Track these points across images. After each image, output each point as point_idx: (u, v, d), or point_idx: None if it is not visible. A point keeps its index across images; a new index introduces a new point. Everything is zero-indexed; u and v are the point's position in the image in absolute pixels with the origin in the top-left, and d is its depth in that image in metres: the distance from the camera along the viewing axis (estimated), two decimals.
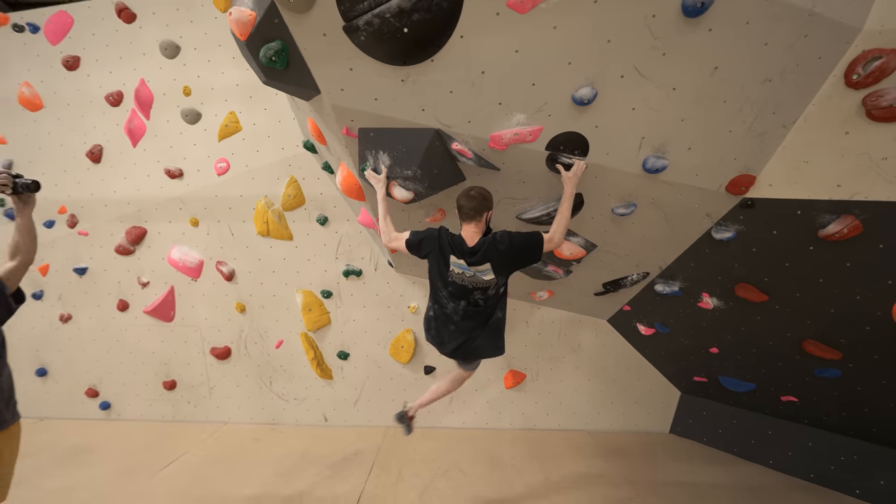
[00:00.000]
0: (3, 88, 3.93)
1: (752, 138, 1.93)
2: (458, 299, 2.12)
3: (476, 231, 2.07)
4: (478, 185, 2.11)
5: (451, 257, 2.06)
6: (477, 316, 2.16)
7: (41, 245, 4.11)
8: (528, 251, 2.03)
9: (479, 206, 2.03)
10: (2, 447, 1.90)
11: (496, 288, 2.09)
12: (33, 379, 4.29)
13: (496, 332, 2.25)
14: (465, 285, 2.07)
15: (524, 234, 2.04)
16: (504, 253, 2.00)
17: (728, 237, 2.40)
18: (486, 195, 2.06)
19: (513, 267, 2.08)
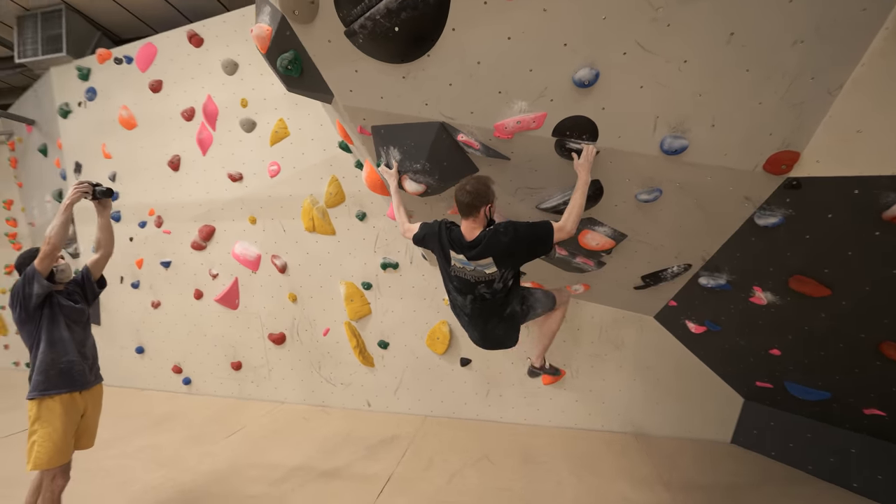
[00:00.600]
0: (108, 112, 4.69)
1: (789, 109, 1.70)
2: (464, 294, 2.11)
3: (475, 226, 2.01)
4: (483, 175, 2.06)
5: (451, 252, 2.04)
6: (487, 309, 2.11)
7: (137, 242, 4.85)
8: (536, 242, 1.95)
9: (474, 202, 1.96)
10: (87, 404, 2.33)
11: (502, 281, 2.02)
12: (134, 356, 5.10)
13: (514, 325, 2.22)
14: (468, 279, 2.04)
15: (531, 224, 1.97)
16: (508, 245, 1.93)
17: (774, 223, 2.13)
18: (481, 190, 1.96)
19: (519, 259, 2.00)
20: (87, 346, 2.34)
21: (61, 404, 2.17)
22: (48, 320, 2.18)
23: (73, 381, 2.22)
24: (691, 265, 2.81)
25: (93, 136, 4.81)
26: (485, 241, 1.94)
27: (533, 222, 1.96)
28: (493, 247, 1.93)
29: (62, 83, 4.89)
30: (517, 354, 4.05)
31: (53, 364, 2.17)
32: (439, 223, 2.14)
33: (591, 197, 2.32)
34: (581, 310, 3.87)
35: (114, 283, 5.00)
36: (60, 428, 2.16)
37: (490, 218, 2.03)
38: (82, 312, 2.34)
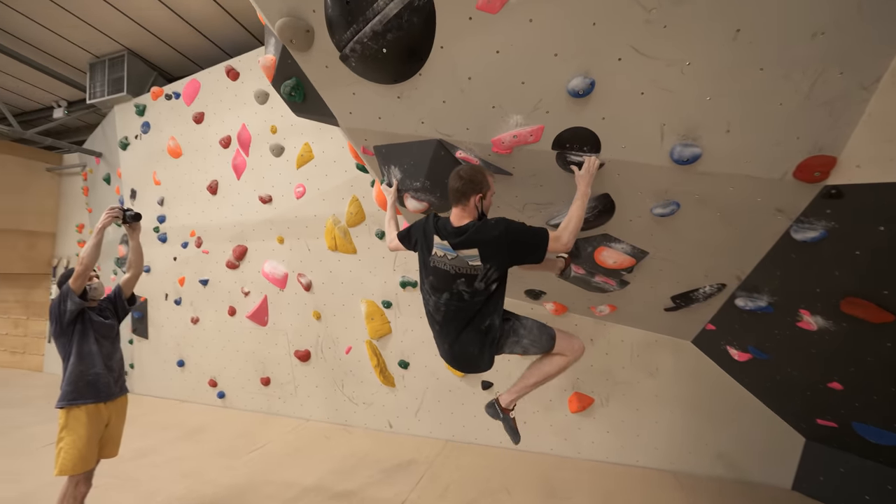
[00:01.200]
0: (159, 143, 5.15)
1: (817, 109, 1.50)
2: (439, 292, 1.90)
3: (464, 215, 1.88)
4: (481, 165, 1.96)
5: (435, 238, 1.88)
6: (461, 313, 1.86)
7: (180, 261, 5.17)
8: (526, 245, 1.79)
9: (466, 188, 1.84)
10: (111, 414, 2.46)
11: (485, 281, 1.81)
12: (176, 368, 5.40)
13: (490, 343, 1.92)
14: (447, 271, 1.85)
15: (526, 226, 1.82)
16: (496, 239, 1.77)
17: (814, 237, 1.87)
18: (475, 177, 1.85)
19: (506, 258, 1.81)
20: (114, 360, 2.49)
21: (87, 414, 2.31)
22: (79, 335, 2.35)
23: (98, 393, 2.36)
24: (725, 285, 2.55)
25: (146, 165, 5.28)
26: (473, 230, 1.79)
27: (530, 225, 1.82)
28: (480, 236, 1.78)
29: (123, 119, 5.45)
30: None
31: (82, 376, 2.32)
32: (429, 215, 2.02)
33: (602, 211, 2.19)
34: (608, 332, 3.62)
35: (160, 300, 5.37)
36: (85, 436, 2.29)
37: (482, 212, 1.89)
38: (111, 328, 2.50)
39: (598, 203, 2.14)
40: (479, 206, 1.87)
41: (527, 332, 2.00)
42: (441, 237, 1.87)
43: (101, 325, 2.43)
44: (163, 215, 5.19)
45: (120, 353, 2.58)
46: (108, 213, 2.44)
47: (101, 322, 2.43)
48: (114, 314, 2.57)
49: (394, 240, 2.23)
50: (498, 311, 1.93)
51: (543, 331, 2.02)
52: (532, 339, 2.00)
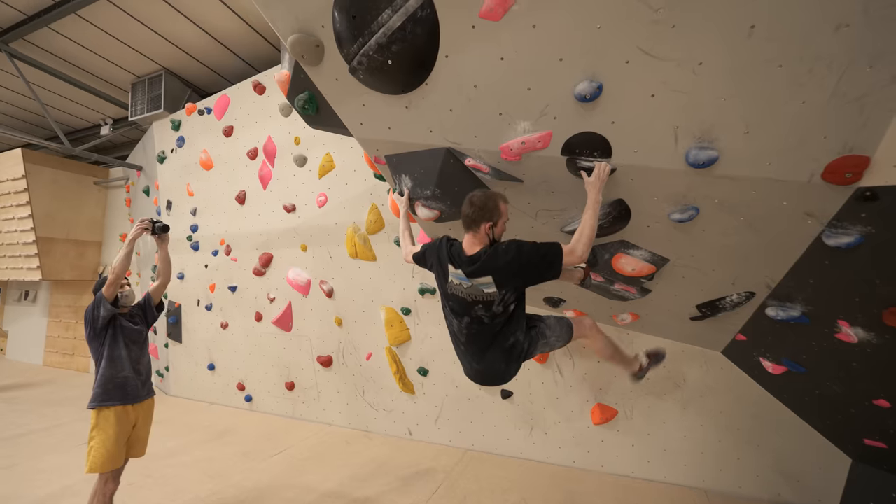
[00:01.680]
0: (192, 156, 5.42)
1: (845, 106, 1.40)
2: (459, 316, 1.94)
3: (475, 241, 1.87)
4: (497, 192, 1.93)
5: (450, 267, 1.91)
6: (483, 336, 1.92)
7: (211, 269, 5.39)
8: (540, 264, 1.77)
9: (476, 215, 1.82)
10: (138, 416, 2.58)
11: (503, 304, 1.84)
12: (206, 372, 5.62)
13: (516, 358, 1.99)
14: (464, 298, 1.88)
15: (537, 244, 1.80)
16: (509, 264, 1.77)
17: (849, 243, 1.74)
18: (486, 204, 1.83)
19: (521, 281, 1.83)
20: (141, 364, 2.61)
21: (115, 415, 2.43)
22: (111, 339, 2.49)
23: (126, 395, 2.48)
24: (754, 293, 2.40)
25: (180, 177, 5.58)
26: (484, 258, 1.80)
27: (540, 243, 1.79)
28: (492, 264, 1.78)
29: (161, 134, 5.78)
30: (563, 390, 3.75)
31: (112, 379, 2.45)
32: (442, 238, 2.03)
33: (618, 218, 2.12)
34: (632, 341, 3.49)
35: (192, 306, 5.62)
36: (113, 436, 2.41)
37: (493, 238, 1.87)
38: (140, 333, 2.64)
39: (612, 209, 2.07)
40: (491, 233, 1.86)
41: (551, 331, 2.11)
42: (455, 266, 1.89)
43: (131, 330, 2.56)
44: (195, 225, 5.45)
45: (148, 358, 2.70)
46: (138, 224, 2.58)
47: (131, 328, 2.56)
48: (143, 320, 2.70)
49: (409, 253, 2.25)
50: (521, 328, 1.97)
51: (562, 323, 2.15)
52: (556, 334, 2.12)
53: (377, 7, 1.61)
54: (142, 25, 4.73)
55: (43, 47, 5.12)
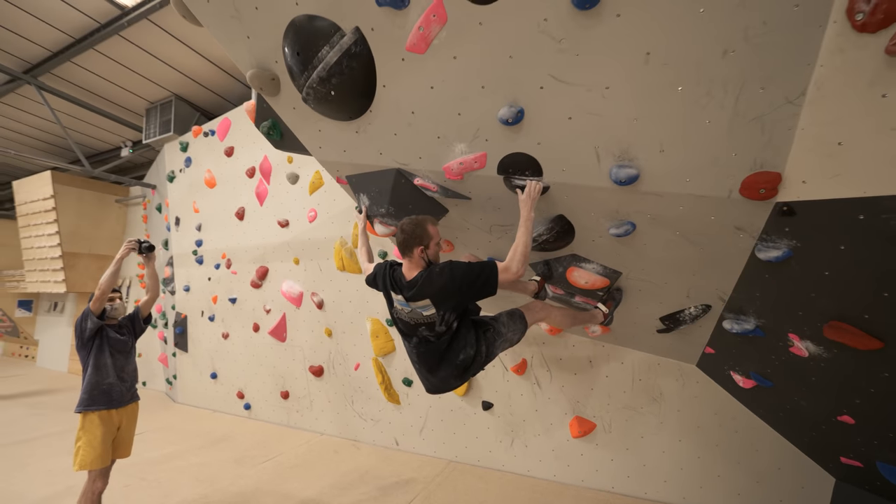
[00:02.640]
0: (197, 175, 5.74)
1: (747, 125, 1.44)
2: (408, 337, 2.03)
3: (412, 266, 1.95)
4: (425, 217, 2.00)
5: (392, 293, 2.00)
6: (433, 353, 1.99)
7: (214, 281, 5.63)
8: (475, 284, 1.84)
9: (407, 241, 1.91)
10: (122, 419, 2.75)
11: (445, 324, 1.91)
12: (209, 380, 5.84)
13: (465, 370, 2.05)
14: (408, 321, 1.97)
15: (472, 263, 1.87)
16: (442, 288, 1.84)
17: (778, 257, 1.75)
18: (414, 231, 1.91)
19: (457, 301, 1.88)
20: (126, 371, 2.79)
21: (100, 418, 2.62)
22: (97, 349, 2.68)
23: (111, 400, 2.66)
24: (710, 306, 2.41)
25: (187, 195, 5.90)
26: (421, 282, 1.88)
27: (475, 262, 1.87)
28: (428, 288, 1.86)
29: (171, 155, 6.15)
30: (542, 402, 3.76)
31: (97, 385, 2.64)
32: (386, 263, 2.13)
33: (561, 232, 2.19)
34: (608, 353, 3.49)
35: (197, 317, 5.88)
36: (99, 437, 2.59)
37: (428, 260, 1.95)
38: (126, 343, 2.82)
39: (555, 224, 2.14)
40: (425, 256, 1.93)
41: (506, 328, 2.17)
42: (395, 291, 1.97)
43: (117, 340, 2.75)
44: (200, 239, 5.74)
45: (133, 366, 2.88)
46: (126, 245, 2.78)
47: (117, 338, 2.75)
48: (131, 331, 2.89)
49: (366, 272, 2.35)
50: (469, 343, 2.01)
51: (514, 316, 2.22)
52: (512, 329, 2.18)
53: (317, 44, 1.76)
54: (153, 57, 5.10)
55: (66, 79, 5.57)
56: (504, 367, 3.93)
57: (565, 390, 3.69)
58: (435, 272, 1.88)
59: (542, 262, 2.43)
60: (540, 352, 3.79)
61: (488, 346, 2.08)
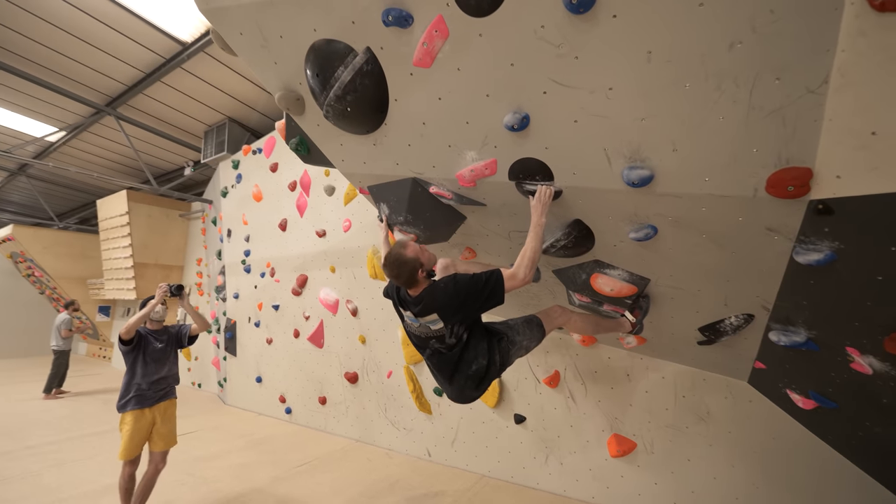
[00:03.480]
0: (247, 190, 6.19)
1: (765, 119, 1.34)
2: (422, 349, 2.05)
3: (416, 289, 1.96)
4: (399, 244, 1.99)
5: (401, 309, 2.03)
6: (447, 364, 2.00)
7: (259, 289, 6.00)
8: (480, 295, 1.82)
9: (407, 278, 1.90)
10: (156, 415, 3.02)
11: (455, 336, 1.91)
12: (255, 384, 6.18)
13: (480, 380, 2.03)
14: (420, 335, 2.00)
15: (476, 275, 1.85)
16: (448, 300, 1.84)
17: (820, 260, 1.59)
18: (402, 266, 1.89)
19: (465, 313, 1.88)
20: (159, 376, 3.05)
21: (133, 417, 2.92)
22: (134, 356, 2.98)
23: (143, 400, 2.96)
24: (753, 316, 2.22)
25: (238, 209, 6.37)
26: (427, 297, 1.89)
27: (479, 273, 1.86)
28: (433, 302, 1.87)
29: (224, 172, 6.68)
30: (577, 417, 3.61)
31: (129, 388, 2.95)
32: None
33: (580, 237, 2.13)
34: (647, 366, 3.29)
35: (244, 323, 6.28)
36: (130, 433, 2.89)
37: (429, 272, 1.96)
38: (163, 352, 3.10)
39: (572, 229, 2.09)
40: (426, 272, 1.95)
41: (521, 335, 2.13)
42: (404, 308, 2.01)
43: (154, 350, 3.04)
44: (248, 250, 6.16)
45: (168, 371, 3.14)
46: (159, 292, 3.05)
47: (154, 348, 3.04)
48: (172, 342, 3.18)
49: None
50: (481, 353, 2.00)
51: (531, 324, 2.17)
52: (528, 336, 2.14)
53: (333, 65, 1.87)
54: (209, 85, 5.63)
55: (138, 108, 6.27)
56: (536, 379, 3.83)
57: (602, 405, 3.52)
58: (439, 287, 1.88)
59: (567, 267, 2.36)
60: (573, 363, 3.66)
61: (502, 355, 2.06)
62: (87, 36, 4.70)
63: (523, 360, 3.88)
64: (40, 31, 4.63)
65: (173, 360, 3.18)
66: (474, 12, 1.47)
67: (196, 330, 3.26)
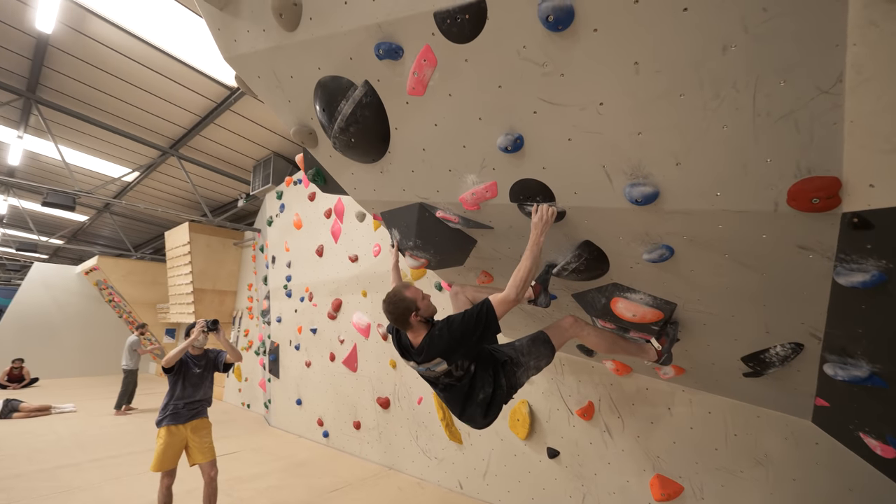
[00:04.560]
0: (289, 219, 6.56)
1: (775, 125, 1.19)
2: (433, 385, 2.03)
3: (415, 333, 1.94)
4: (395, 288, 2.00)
5: (404, 360, 2.02)
6: (458, 396, 1.96)
7: (299, 313, 6.25)
8: (475, 330, 1.78)
9: (399, 318, 1.92)
10: (189, 431, 3.23)
11: (462, 368, 1.88)
12: (296, 406, 6.36)
13: (488, 408, 1.97)
14: (427, 377, 1.99)
15: (466, 311, 1.83)
16: (447, 345, 1.82)
17: (867, 282, 1.37)
18: (396, 307, 1.91)
19: (465, 351, 1.84)
20: (194, 398, 3.29)
21: (168, 432, 3.16)
22: (175, 377, 3.24)
23: (177, 418, 3.19)
24: (802, 345, 1.95)
25: (281, 237, 6.75)
26: (427, 346, 1.88)
27: (469, 310, 1.82)
28: (433, 350, 1.86)
29: (270, 203, 7.15)
30: (614, 453, 3.32)
31: (167, 406, 3.21)
32: (393, 328, 2.10)
33: (592, 259, 2.01)
34: (690, 400, 2.99)
35: (286, 346, 6.54)
36: (163, 446, 3.13)
37: (426, 319, 1.94)
38: (201, 377, 3.34)
39: (582, 251, 1.97)
40: (421, 318, 1.93)
41: (527, 356, 2.05)
42: (407, 358, 2.01)
43: (193, 375, 3.31)
44: (290, 275, 6.47)
45: (203, 393, 3.38)
46: (197, 329, 3.32)
47: (193, 373, 3.31)
48: (210, 367, 3.43)
49: None
50: (487, 383, 1.96)
51: (537, 342, 2.09)
52: (535, 355, 2.06)
53: (336, 100, 1.96)
54: (255, 124, 6.14)
55: (196, 148, 6.96)
56: (569, 411, 3.60)
57: (641, 441, 3.23)
58: (435, 334, 1.87)
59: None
60: (608, 394, 3.40)
61: (509, 378, 1.99)
62: (150, 87, 5.35)
63: (554, 390, 3.68)
64: (112, 85, 5.36)
65: (209, 384, 3.40)
66: (458, 39, 1.48)
67: (230, 359, 3.48)
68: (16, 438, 5.98)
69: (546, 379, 3.72)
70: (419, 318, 1.92)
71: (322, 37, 1.77)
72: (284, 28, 1.82)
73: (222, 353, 3.48)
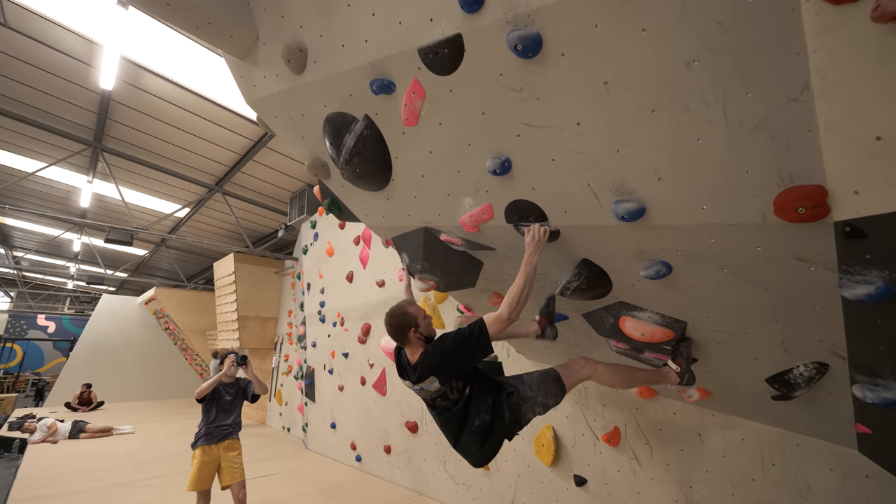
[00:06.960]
0: (321, 247, 6.89)
1: (750, 136, 1.18)
2: (430, 408, 2.02)
3: (413, 350, 1.96)
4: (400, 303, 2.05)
5: (402, 378, 2.04)
6: (453, 421, 1.93)
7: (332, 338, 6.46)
8: (466, 348, 1.77)
9: (398, 332, 1.96)
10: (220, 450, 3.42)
11: (456, 391, 1.86)
12: (330, 430, 6.47)
13: (485, 438, 1.90)
14: (424, 397, 1.97)
15: (459, 329, 1.83)
16: (439, 363, 1.82)
17: (872, 294, 1.28)
18: (398, 321, 1.95)
19: (456, 369, 1.82)
20: (225, 423, 3.51)
21: (202, 451, 3.38)
22: (208, 403, 3.49)
23: (210, 438, 3.42)
24: (827, 365, 1.81)
25: (315, 264, 7.08)
26: (421, 364, 1.88)
27: (462, 328, 1.82)
28: (426, 367, 1.85)
29: (305, 232, 7.56)
30: (644, 482, 3.14)
31: (201, 428, 3.45)
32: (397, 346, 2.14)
33: (592, 278, 2.01)
34: (720, 425, 2.80)
35: (321, 370, 6.73)
36: (198, 466, 3.33)
37: (425, 337, 1.96)
38: (231, 404, 3.59)
39: (581, 269, 1.97)
40: (420, 336, 1.96)
41: (535, 391, 2.00)
42: (404, 377, 2.04)
43: (224, 402, 3.56)
44: (323, 301, 6.73)
45: (234, 420, 3.61)
46: (228, 362, 3.59)
47: (225, 400, 3.56)
48: (240, 395, 3.67)
49: None
50: (483, 409, 1.92)
51: (547, 378, 2.03)
52: (543, 392, 2.00)
53: (341, 134, 2.12)
54: (290, 158, 6.60)
55: (238, 184, 7.55)
56: (595, 436, 3.46)
57: (671, 470, 3.03)
58: (429, 351, 1.88)
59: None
60: (634, 419, 3.25)
61: (512, 409, 1.93)
62: (196, 130, 5.95)
63: (579, 414, 3.56)
64: (163, 130, 6.03)
65: (238, 410, 3.65)
66: (441, 71, 1.59)
67: (257, 391, 3.71)
68: (81, 457, 6.49)
69: (570, 403, 3.61)
70: (418, 334, 1.95)
71: (325, 77, 1.94)
72: (293, 72, 2.02)
73: (251, 385, 3.72)
